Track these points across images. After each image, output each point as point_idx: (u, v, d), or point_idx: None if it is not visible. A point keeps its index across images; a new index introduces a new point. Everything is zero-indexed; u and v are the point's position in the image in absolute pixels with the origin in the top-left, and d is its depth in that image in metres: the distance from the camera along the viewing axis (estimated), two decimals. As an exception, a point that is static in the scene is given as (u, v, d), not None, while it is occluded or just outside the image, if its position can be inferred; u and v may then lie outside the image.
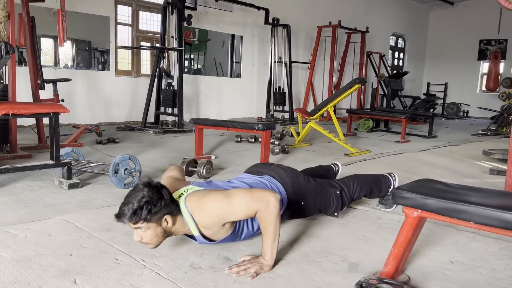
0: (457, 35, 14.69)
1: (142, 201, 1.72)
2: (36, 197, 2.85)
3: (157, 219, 1.76)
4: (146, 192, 1.75)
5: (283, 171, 2.34)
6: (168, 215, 1.80)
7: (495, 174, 4.15)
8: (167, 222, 1.80)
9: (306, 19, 10.64)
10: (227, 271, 1.77)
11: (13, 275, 1.68)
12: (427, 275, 1.84)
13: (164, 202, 1.78)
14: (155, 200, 1.75)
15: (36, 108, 3.18)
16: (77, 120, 6.69)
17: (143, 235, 1.78)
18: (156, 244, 1.83)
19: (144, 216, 1.72)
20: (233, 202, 1.82)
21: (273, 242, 1.83)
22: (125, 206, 1.74)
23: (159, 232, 1.79)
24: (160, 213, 1.76)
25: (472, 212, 1.49)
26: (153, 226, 1.77)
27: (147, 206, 1.72)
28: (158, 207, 1.75)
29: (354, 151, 5.16)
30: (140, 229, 1.77)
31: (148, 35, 8.41)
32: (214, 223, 1.86)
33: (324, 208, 2.40)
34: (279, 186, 2.24)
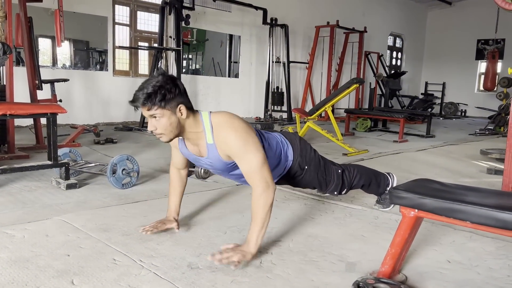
0: (455, 35, 14.72)
1: (156, 85, 1.72)
2: (33, 197, 2.85)
3: (171, 107, 1.76)
4: (161, 78, 1.75)
5: (292, 135, 2.35)
6: (182, 104, 1.79)
7: (492, 173, 4.17)
8: (181, 112, 1.79)
9: (304, 19, 10.65)
10: (210, 258, 1.78)
11: (10, 276, 1.68)
12: (424, 274, 1.85)
13: (179, 90, 1.78)
14: (170, 87, 1.74)
15: (34, 109, 3.18)
16: (75, 120, 6.69)
17: (157, 125, 1.77)
18: (169, 136, 1.82)
19: (159, 100, 1.72)
20: (247, 154, 1.83)
21: (260, 230, 1.83)
22: (139, 92, 1.74)
23: (173, 121, 1.78)
24: (174, 100, 1.76)
25: (468, 212, 1.49)
26: (167, 114, 1.76)
27: (161, 90, 1.72)
28: (173, 93, 1.75)
29: (352, 150, 5.17)
30: (154, 118, 1.76)
31: (146, 35, 8.41)
32: (223, 148, 1.87)
33: (324, 181, 2.38)
34: (288, 144, 2.23)
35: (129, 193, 3.02)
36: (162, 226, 2.17)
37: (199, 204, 2.77)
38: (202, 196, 2.98)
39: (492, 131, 8.40)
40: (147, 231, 2.11)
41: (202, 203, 2.80)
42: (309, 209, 2.75)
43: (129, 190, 3.10)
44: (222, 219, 2.49)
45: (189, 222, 2.41)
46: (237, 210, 2.69)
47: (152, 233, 2.11)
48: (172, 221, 2.21)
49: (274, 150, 2.14)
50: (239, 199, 2.96)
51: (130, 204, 2.76)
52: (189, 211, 2.61)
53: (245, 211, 2.64)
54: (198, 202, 2.81)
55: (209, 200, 2.88)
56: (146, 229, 2.12)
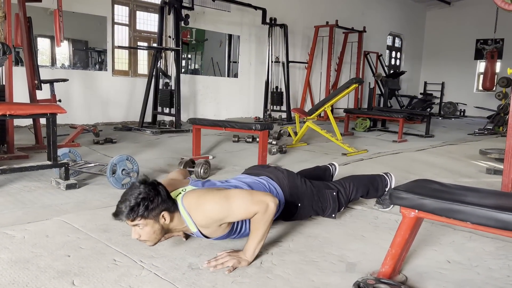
0: (453, 35, 14.74)
1: (139, 197, 1.73)
2: (33, 197, 2.84)
3: (154, 216, 1.77)
4: (143, 189, 1.75)
5: (280, 173, 2.35)
6: (165, 211, 1.80)
7: (491, 173, 4.17)
8: (165, 218, 1.80)
9: (303, 18, 10.65)
10: (206, 265, 1.80)
11: (11, 277, 1.68)
12: (424, 274, 1.85)
13: (161, 198, 1.78)
14: (152, 196, 1.75)
15: (33, 109, 3.17)
16: (74, 121, 6.68)
17: (141, 233, 1.78)
18: (155, 241, 1.83)
19: (141, 213, 1.72)
20: (233, 204, 1.82)
21: (259, 243, 1.87)
22: (122, 204, 1.74)
23: (157, 229, 1.80)
24: (157, 209, 1.77)
25: (468, 212, 1.49)
26: (150, 222, 1.77)
27: (144, 202, 1.73)
28: (155, 203, 1.76)
29: (352, 150, 5.17)
30: (138, 227, 1.77)
31: (145, 35, 8.40)
32: (212, 223, 1.87)
33: (321, 209, 2.42)
34: (276, 188, 2.25)
35: None
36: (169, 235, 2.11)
37: (199, 205, 2.76)
38: (202, 196, 2.97)
39: (491, 131, 8.41)
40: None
41: (202, 204, 2.79)
42: (309, 209, 2.75)
43: (129, 190, 3.09)
44: (222, 220, 2.49)
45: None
46: (237, 210, 2.68)
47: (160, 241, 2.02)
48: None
49: None
50: (239, 199, 2.95)
51: (130, 204, 2.75)
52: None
53: (245, 212, 2.64)
54: (198, 202, 2.81)
55: (209, 200, 2.88)
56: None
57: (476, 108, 13.53)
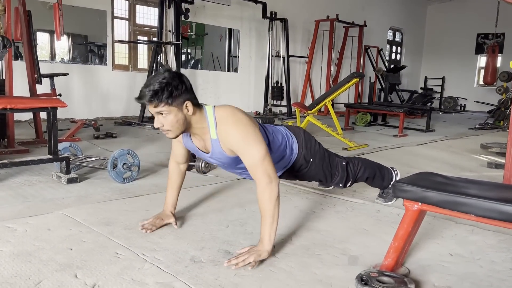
0: (454, 29, 14.69)
1: (163, 82, 1.72)
2: (34, 191, 2.84)
3: (178, 104, 1.76)
4: (167, 75, 1.75)
5: (296, 128, 2.35)
6: (189, 101, 1.79)
7: (493, 167, 4.17)
8: (188, 109, 1.79)
9: (304, 13, 10.61)
10: (226, 264, 1.76)
11: (13, 270, 1.68)
12: (426, 267, 1.85)
13: (185, 86, 1.78)
14: (176, 83, 1.74)
15: (34, 103, 3.16)
16: (74, 115, 6.66)
17: (164, 121, 1.78)
18: (176, 132, 1.83)
19: (165, 97, 1.72)
20: (251, 149, 1.82)
21: (271, 225, 1.82)
22: (145, 88, 1.73)
23: (180, 118, 1.79)
24: (181, 97, 1.76)
25: (472, 205, 1.49)
26: (174, 110, 1.76)
27: (168, 87, 1.72)
28: (179, 90, 1.75)
29: (352, 145, 5.17)
30: (161, 115, 1.76)
31: (145, 29, 8.37)
32: (227, 144, 1.87)
33: (329, 174, 2.38)
34: (292, 136, 2.23)
35: (130, 187, 3.01)
36: (161, 222, 2.17)
37: (200, 198, 2.77)
38: (203, 190, 2.98)
39: (492, 125, 8.40)
40: (146, 229, 2.10)
41: (203, 197, 2.80)
42: (311, 203, 2.75)
43: (130, 185, 3.09)
44: (224, 213, 2.49)
45: (190, 216, 2.41)
46: (238, 204, 2.68)
47: (151, 231, 2.11)
48: (170, 216, 2.22)
49: (279, 144, 2.14)
50: (240, 193, 2.95)
51: (131, 198, 2.75)
52: (191, 205, 2.61)
53: (246, 205, 2.64)
54: (199, 196, 2.81)
55: (210, 194, 2.88)
56: (145, 226, 2.12)
57: (477, 102, 13.51)
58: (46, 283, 1.58)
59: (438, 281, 1.73)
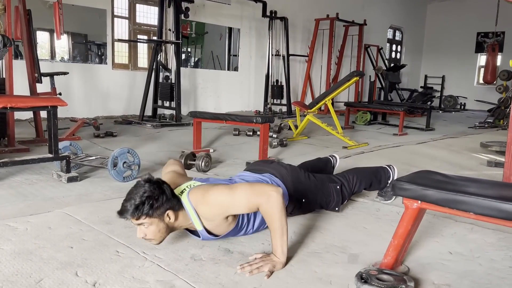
0: (454, 28, 14.69)
1: (144, 196, 1.73)
2: (35, 190, 2.85)
3: (159, 214, 1.77)
4: (148, 187, 1.75)
5: (283, 169, 2.34)
6: (170, 210, 1.80)
7: (492, 166, 4.17)
8: (169, 217, 1.81)
9: (304, 11, 10.60)
10: (240, 270, 1.72)
11: (14, 268, 1.68)
12: (426, 265, 1.85)
13: (165, 197, 1.78)
14: (157, 195, 1.75)
15: (34, 102, 3.17)
16: (74, 114, 6.67)
17: (146, 232, 1.78)
18: (160, 240, 1.83)
19: (146, 211, 1.72)
20: (235, 195, 1.82)
21: (282, 237, 1.79)
22: (127, 202, 1.74)
23: (162, 227, 1.80)
24: (162, 208, 1.77)
25: (471, 203, 1.49)
26: (155, 221, 1.77)
27: (149, 201, 1.73)
28: (160, 201, 1.76)
29: (352, 144, 5.17)
30: (143, 226, 1.77)
31: (145, 28, 8.37)
32: (217, 214, 1.86)
33: (325, 203, 2.42)
34: (280, 184, 2.24)
35: (130, 186, 2.96)
36: None
37: (201, 197, 2.76)
38: (203, 188, 2.98)
39: (492, 124, 8.40)
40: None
41: (204, 196, 2.79)
42: (311, 202, 2.75)
43: (130, 183, 3.09)
44: (224, 212, 2.49)
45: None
46: (238, 202, 2.68)
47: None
48: None
49: None
50: (240, 191, 2.95)
51: (132, 197, 2.75)
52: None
53: (246, 204, 2.64)
54: (199, 194, 2.81)
55: (210, 193, 2.88)
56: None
57: (477, 101, 13.51)
58: (47, 281, 1.59)
59: (437, 279, 1.73)
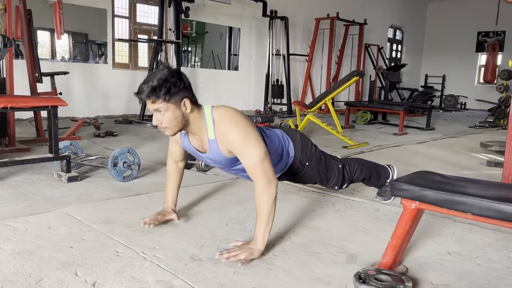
0: (455, 27, 14.67)
1: (161, 79, 1.72)
2: (35, 190, 2.85)
3: (176, 101, 1.76)
4: (167, 71, 1.75)
5: (293, 131, 2.36)
6: (187, 99, 1.79)
7: (492, 166, 4.18)
8: (186, 106, 1.80)
9: (304, 11, 10.61)
10: (218, 256, 1.78)
11: (14, 268, 1.69)
12: (424, 265, 1.86)
13: (184, 84, 1.78)
14: (175, 80, 1.75)
15: (35, 102, 3.17)
16: (74, 113, 6.68)
17: (162, 119, 1.78)
18: (174, 130, 1.83)
19: (163, 94, 1.72)
20: (248, 149, 1.82)
21: (266, 226, 1.84)
22: (144, 84, 1.74)
23: (178, 115, 1.79)
24: (179, 94, 1.76)
25: (469, 204, 1.50)
26: (172, 107, 1.76)
27: (166, 84, 1.72)
28: (178, 87, 1.75)
29: (352, 143, 5.18)
30: (159, 112, 1.77)
31: (146, 27, 8.38)
32: (226, 145, 1.87)
33: (325, 177, 2.40)
34: (289, 140, 2.24)
35: (130, 186, 3.03)
36: (163, 218, 2.19)
37: (200, 197, 2.78)
38: (203, 188, 2.99)
39: (492, 123, 8.40)
40: (148, 224, 2.12)
41: (203, 196, 2.81)
42: (310, 202, 2.77)
43: (130, 183, 3.11)
44: (223, 211, 2.50)
45: (190, 214, 2.42)
46: (238, 202, 2.70)
47: (154, 226, 2.12)
48: (171, 213, 2.23)
49: (276, 147, 2.14)
50: (239, 191, 2.97)
51: (132, 196, 2.77)
52: (190, 203, 2.62)
53: (246, 203, 2.66)
54: (199, 194, 2.83)
55: (209, 193, 2.89)
56: (147, 222, 2.13)
57: (477, 101, 13.50)
58: (47, 281, 1.60)
59: (436, 279, 1.74)
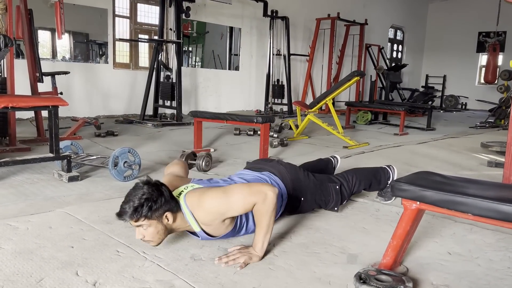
0: (455, 27, 14.67)
1: (142, 198, 1.74)
2: (36, 190, 2.86)
3: (158, 216, 1.78)
4: (146, 189, 1.77)
5: (283, 167, 2.35)
6: (168, 212, 1.81)
7: (493, 166, 4.17)
8: (168, 219, 1.82)
9: (305, 11, 10.61)
10: (217, 262, 1.79)
11: (15, 267, 1.69)
12: (425, 266, 1.86)
13: (164, 199, 1.79)
14: (155, 197, 1.76)
15: (36, 101, 3.18)
16: (75, 113, 6.68)
17: (145, 233, 1.80)
18: (158, 241, 1.84)
19: (145, 213, 1.74)
20: (231, 197, 1.83)
21: (265, 235, 1.86)
22: (126, 204, 1.76)
23: (160, 229, 1.81)
24: (160, 210, 1.78)
25: (470, 204, 1.50)
26: (154, 223, 1.78)
27: (148, 203, 1.74)
28: (159, 203, 1.77)
29: (353, 143, 5.17)
30: (142, 227, 1.79)
31: (146, 27, 8.38)
32: (214, 219, 1.87)
33: (324, 203, 2.43)
34: (279, 182, 2.26)
35: (130, 186, 2.95)
36: None
37: (201, 197, 2.77)
38: (203, 188, 2.99)
39: (493, 124, 8.40)
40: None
41: (204, 196, 2.80)
42: (311, 202, 2.76)
43: (131, 183, 3.09)
44: (224, 212, 2.50)
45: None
46: (238, 202, 2.69)
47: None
48: None
49: None
50: (240, 191, 2.96)
51: (132, 196, 2.76)
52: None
53: (246, 204, 2.65)
54: (199, 194, 2.82)
55: (210, 193, 2.89)
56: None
57: (478, 101, 13.49)
58: (47, 280, 1.60)
59: (436, 279, 1.74)
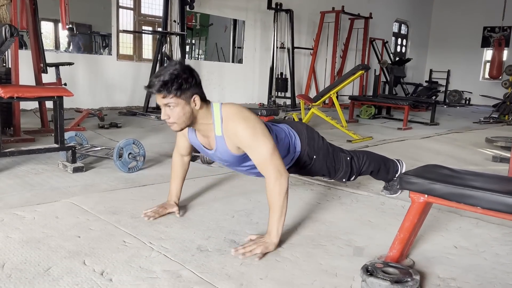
0: (460, 22, 14.55)
1: (173, 74, 1.73)
2: (41, 180, 2.86)
3: (186, 97, 1.77)
4: (178, 67, 1.76)
5: (299, 124, 2.35)
6: (197, 95, 1.80)
7: (498, 161, 4.16)
8: (195, 103, 1.80)
9: (309, 4, 10.54)
10: (234, 253, 1.78)
11: (22, 256, 1.70)
12: (431, 259, 1.86)
13: (195, 80, 1.79)
14: (187, 77, 1.75)
15: (41, 92, 3.18)
16: (79, 105, 6.68)
17: (171, 113, 1.78)
18: (181, 126, 1.83)
19: (174, 89, 1.72)
20: (257, 144, 1.82)
21: (279, 219, 1.84)
22: (155, 78, 1.74)
23: (187, 111, 1.79)
24: (190, 91, 1.77)
25: (479, 197, 1.49)
26: (182, 103, 1.77)
27: (178, 79, 1.72)
28: (189, 83, 1.76)
29: (357, 137, 5.16)
30: (168, 107, 1.77)
31: (150, 19, 8.35)
32: (234, 142, 1.87)
33: (333, 169, 2.39)
34: (295, 134, 2.23)
35: (135, 177, 3.03)
36: (164, 211, 2.21)
37: (206, 189, 2.78)
38: (208, 180, 2.99)
39: (497, 119, 8.36)
40: (149, 217, 2.14)
41: (209, 188, 2.81)
42: (316, 195, 2.76)
43: (135, 174, 3.11)
44: (229, 203, 2.50)
45: (196, 206, 2.43)
46: (243, 194, 2.70)
47: (154, 219, 2.13)
48: (173, 205, 2.25)
49: (282, 143, 2.14)
50: (245, 183, 2.97)
51: (137, 187, 2.77)
52: (196, 195, 2.63)
53: (251, 195, 2.66)
54: (204, 186, 2.83)
55: (215, 185, 2.90)
56: (148, 214, 2.15)
57: (482, 96, 13.43)
58: (55, 269, 1.61)
59: (442, 272, 1.74)
